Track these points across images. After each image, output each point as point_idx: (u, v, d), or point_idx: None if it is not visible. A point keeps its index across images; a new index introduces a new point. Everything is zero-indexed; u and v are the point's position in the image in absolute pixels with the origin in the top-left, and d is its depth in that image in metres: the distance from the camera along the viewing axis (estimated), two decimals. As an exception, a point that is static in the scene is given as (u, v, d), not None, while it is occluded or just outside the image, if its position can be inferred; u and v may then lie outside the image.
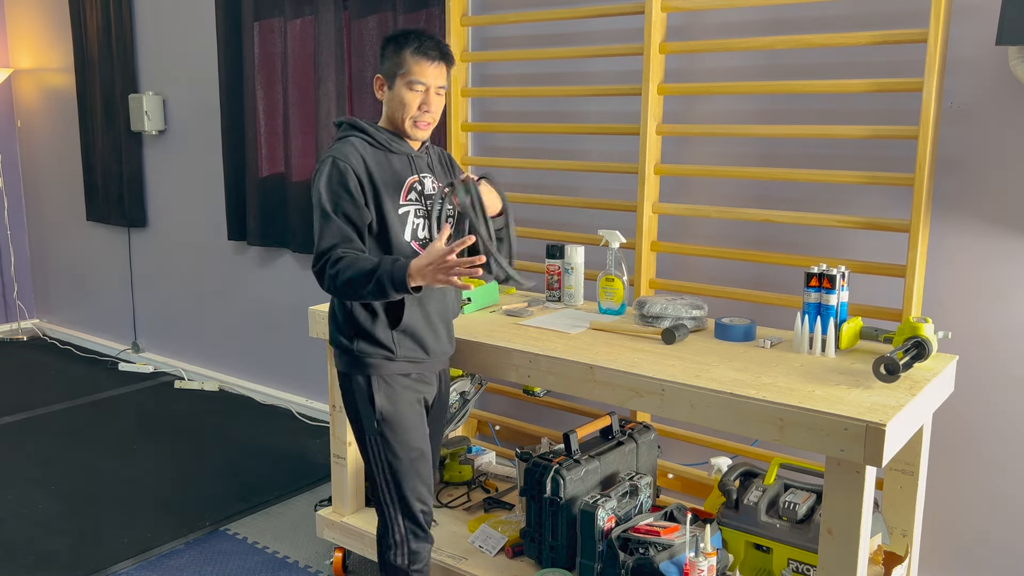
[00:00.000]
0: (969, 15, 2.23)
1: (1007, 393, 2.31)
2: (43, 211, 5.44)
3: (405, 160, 2.03)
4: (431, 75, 1.97)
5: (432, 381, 2.12)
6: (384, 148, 2.00)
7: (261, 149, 3.92)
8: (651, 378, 1.96)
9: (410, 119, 1.99)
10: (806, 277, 2.15)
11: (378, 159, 1.98)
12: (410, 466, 2.04)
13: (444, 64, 1.99)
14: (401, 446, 2.03)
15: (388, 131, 2.03)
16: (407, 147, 2.04)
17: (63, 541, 2.89)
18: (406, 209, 1.99)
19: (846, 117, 2.46)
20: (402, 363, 2.02)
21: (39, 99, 5.28)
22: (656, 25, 2.61)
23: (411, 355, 2.02)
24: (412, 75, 1.96)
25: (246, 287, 4.29)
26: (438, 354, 2.09)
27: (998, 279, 2.28)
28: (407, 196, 2.00)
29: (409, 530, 2.08)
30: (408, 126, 2.00)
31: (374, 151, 1.99)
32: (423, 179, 2.04)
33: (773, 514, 2.19)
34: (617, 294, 2.52)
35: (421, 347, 2.03)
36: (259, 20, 3.83)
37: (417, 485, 2.06)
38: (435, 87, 1.98)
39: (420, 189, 2.03)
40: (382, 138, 2.00)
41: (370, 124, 2.02)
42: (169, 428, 3.93)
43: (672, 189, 2.81)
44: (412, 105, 1.97)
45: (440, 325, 2.07)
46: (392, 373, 2.01)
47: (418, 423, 2.06)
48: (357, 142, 1.99)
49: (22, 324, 5.59)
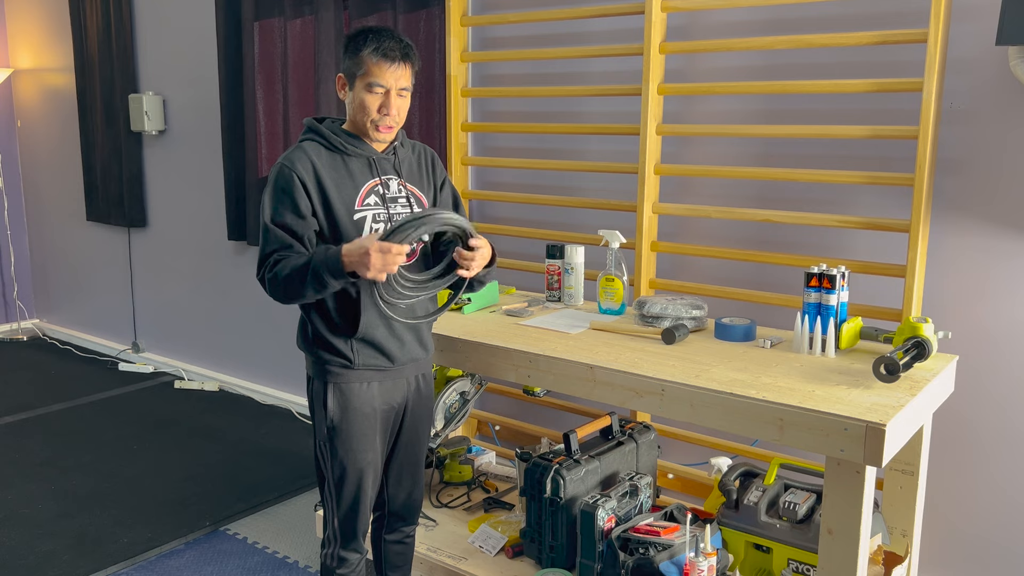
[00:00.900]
0: (969, 15, 2.23)
1: (1007, 393, 2.31)
2: (43, 211, 5.44)
3: (364, 163, 1.96)
4: (391, 77, 1.88)
5: (401, 388, 2.05)
6: (340, 151, 1.94)
7: (261, 149, 3.92)
8: (651, 378, 1.96)
9: (371, 122, 1.92)
10: (806, 277, 2.15)
11: (332, 163, 1.92)
12: (353, 477, 2.00)
13: (406, 64, 1.91)
14: (347, 456, 1.98)
15: (348, 133, 1.96)
16: (368, 149, 1.96)
17: (63, 541, 2.89)
18: (362, 214, 1.92)
19: (846, 117, 2.46)
20: (362, 371, 1.96)
21: (39, 99, 5.28)
22: (656, 25, 2.61)
23: (372, 363, 1.96)
24: (371, 77, 1.88)
25: (246, 287, 4.29)
26: (404, 361, 2.01)
27: (998, 279, 2.28)
28: (364, 201, 1.93)
29: (341, 535, 2.06)
30: (370, 129, 1.93)
31: (329, 155, 1.93)
32: (387, 181, 1.97)
33: (773, 514, 2.19)
34: (617, 294, 2.52)
35: (383, 355, 1.97)
36: (259, 20, 3.83)
37: (358, 497, 2.02)
38: (396, 89, 1.90)
39: (382, 193, 1.96)
40: (337, 141, 1.93)
41: (330, 126, 1.96)
42: (169, 428, 3.93)
43: (672, 189, 2.81)
44: (372, 108, 1.90)
45: (405, 331, 2.00)
46: (349, 382, 1.96)
47: (370, 436, 2.00)
48: (310, 146, 1.93)
49: (22, 324, 5.59)
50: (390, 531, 2.22)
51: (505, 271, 3.21)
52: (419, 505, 2.22)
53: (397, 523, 2.21)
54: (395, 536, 2.23)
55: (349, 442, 1.98)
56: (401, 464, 2.13)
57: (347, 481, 2.01)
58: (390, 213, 1.95)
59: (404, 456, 2.13)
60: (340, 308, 1.94)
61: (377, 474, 2.06)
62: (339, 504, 2.04)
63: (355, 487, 2.01)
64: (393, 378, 2.02)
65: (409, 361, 2.03)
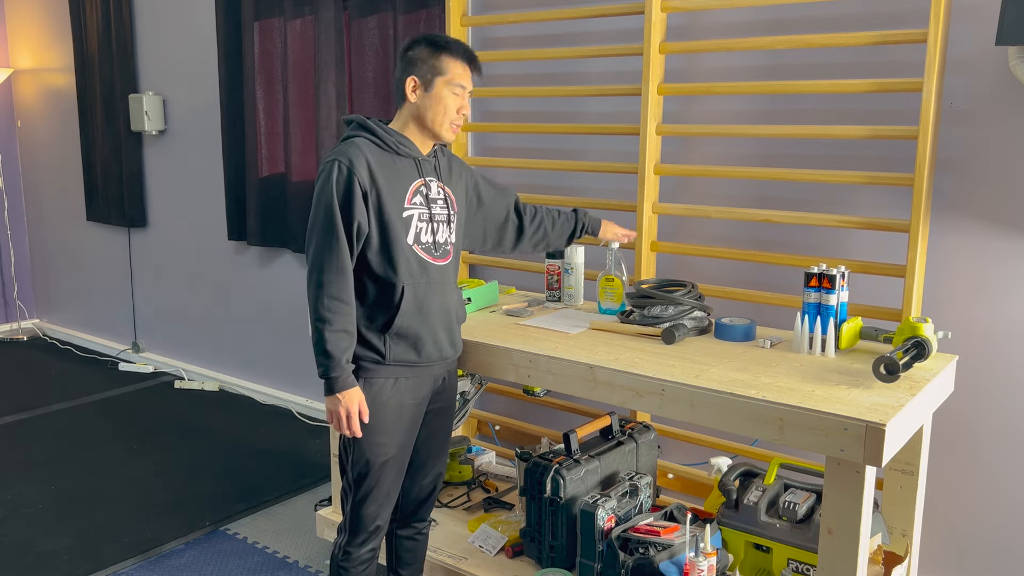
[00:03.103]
0: (969, 15, 2.23)
1: (1007, 393, 2.31)
2: (43, 211, 5.44)
3: (411, 163, 2.02)
4: (471, 80, 2.03)
5: (428, 385, 2.09)
6: (391, 150, 1.99)
7: (261, 149, 3.92)
8: (651, 378, 1.96)
9: (449, 122, 2.01)
10: (806, 277, 2.15)
11: (383, 161, 1.97)
12: (373, 471, 2.03)
13: (477, 72, 2.06)
14: (369, 450, 2.02)
15: (398, 133, 2.02)
16: (415, 150, 2.03)
17: (63, 541, 2.89)
18: (410, 213, 1.99)
19: (846, 117, 2.46)
20: (392, 367, 2.01)
21: (39, 99, 5.28)
22: (656, 25, 2.61)
23: (404, 359, 2.01)
24: (457, 79, 1.98)
25: (246, 287, 4.29)
26: (434, 359, 2.06)
27: (998, 279, 2.28)
28: (411, 200, 1.99)
29: (351, 528, 2.10)
30: (444, 129, 2.01)
31: (380, 153, 1.98)
32: (429, 183, 2.04)
33: (773, 514, 2.19)
34: (617, 294, 2.52)
35: (415, 351, 2.02)
36: (259, 20, 3.83)
37: (374, 491, 2.05)
38: (469, 91, 2.04)
39: (426, 193, 2.02)
40: (390, 140, 1.98)
41: (379, 125, 2.00)
42: (169, 428, 3.93)
43: (672, 189, 2.81)
44: (452, 108, 1.99)
45: (441, 330, 2.05)
46: (378, 377, 2.00)
47: (394, 432, 2.03)
48: (362, 143, 1.97)
49: (22, 324, 5.59)
50: (402, 526, 2.24)
51: (505, 271, 3.21)
52: (431, 501, 2.24)
53: (409, 518, 2.23)
54: (407, 532, 2.25)
55: (373, 436, 2.01)
56: (420, 459, 2.16)
57: (367, 476, 2.04)
58: (432, 214, 2.03)
59: (424, 452, 2.16)
60: (378, 302, 1.99)
61: (400, 471, 2.09)
62: (355, 497, 2.07)
63: (375, 481, 2.04)
64: (422, 375, 2.06)
65: (439, 359, 2.08)
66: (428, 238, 2.02)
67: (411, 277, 1.97)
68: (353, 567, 2.11)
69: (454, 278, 2.10)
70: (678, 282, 2.39)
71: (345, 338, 1.92)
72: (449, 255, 2.06)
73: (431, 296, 2.01)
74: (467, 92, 2.02)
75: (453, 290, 2.09)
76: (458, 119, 2.02)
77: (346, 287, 1.92)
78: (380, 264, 1.96)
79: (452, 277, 2.08)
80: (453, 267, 2.08)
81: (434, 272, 2.02)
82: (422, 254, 2.00)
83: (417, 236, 2.00)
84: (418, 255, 1.99)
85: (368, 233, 1.95)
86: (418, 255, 1.99)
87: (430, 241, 2.02)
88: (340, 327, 1.91)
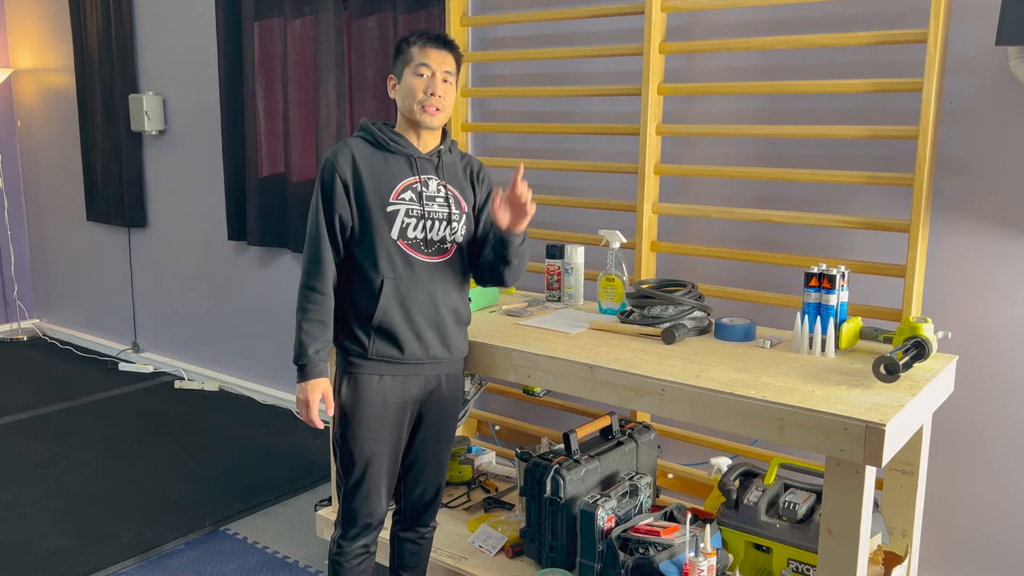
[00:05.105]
0: (969, 15, 2.23)
1: (1007, 393, 2.31)
2: (43, 211, 5.44)
3: (405, 161, 2.02)
4: (435, 59, 1.99)
5: (417, 385, 2.07)
6: (383, 148, 2.02)
7: (261, 149, 3.92)
8: (651, 378, 1.96)
9: (417, 104, 1.99)
10: (806, 277, 2.15)
11: (372, 158, 2.00)
12: (359, 466, 2.04)
13: (448, 52, 2.02)
14: (354, 445, 2.03)
15: (392, 132, 2.04)
16: (410, 148, 2.03)
17: (63, 541, 2.89)
18: (396, 208, 1.99)
19: (846, 117, 2.46)
20: (376, 363, 2.02)
21: (39, 99, 5.28)
22: (656, 25, 2.61)
23: (386, 354, 2.01)
24: (416, 60, 1.99)
25: (246, 287, 4.29)
26: (420, 358, 2.04)
27: (998, 279, 2.28)
28: (399, 195, 1.99)
29: (343, 522, 2.11)
30: (417, 112, 2.00)
31: (370, 149, 2.01)
32: (427, 180, 2.03)
33: (773, 514, 2.19)
34: (617, 294, 2.52)
35: (397, 347, 2.01)
36: (259, 20, 3.83)
37: (361, 486, 2.06)
38: (441, 71, 2.00)
39: (420, 191, 2.02)
40: (381, 137, 2.02)
41: (377, 125, 2.05)
42: (169, 428, 3.93)
43: (672, 189, 2.81)
44: (418, 89, 1.99)
45: (427, 328, 2.03)
46: (362, 373, 2.02)
47: (378, 428, 2.03)
48: (354, 141, 2.03)
49: (22, 324, 5.59)
50: (405, 529, 2.24)
51: (505, 271, 3.21)
52: (434, 506, 2.23)
53: (412, 522, 2.23)
54: (410, 535, 2.25)
55: (357, 431, 2.03)
56: (417, 462, 2.16)
57: (352, 469, 2.06)
58: (426, 211, 2.02)
59: (421, 455, 2.15)
60: (362, 295, 2.01)
61: (390, 471, 2.09)
62: (344, 488, 2.09)
63: (360, 476, 2.05)
64: (407, 373, 2.05)
65: (428, 359, 2.06)
66: (418, 234, 2.01)
67: (393, 272, 1.98)
68: (346, 561, 2.11)
69: (454, 277, 2.07)
70: (678, 282, 2.39)
71: (319, 328, 1.98)
72: (447, 253, 2.05)
73: (416, 292, 2.00)
74: (433, 71, 1.99)
75: (451, 289, 2.07)
76: (427, 100, 1.99)
77: (323, 278, 1.98)
78: (362, 257, 1.99)
79: (450, 276, 2.06)
80: (451, 266, 2.06)
81: (421, 269, 2.01)
82: (408, 250, 1.99)
83: (403, 231, 1.99)
84: (403, 250, 1.99)
85: (352, 226, 1.99)
86: (403, 250, 1.99)
87: (419, 237, 2.01)
88: (315, 317, 1.98)
